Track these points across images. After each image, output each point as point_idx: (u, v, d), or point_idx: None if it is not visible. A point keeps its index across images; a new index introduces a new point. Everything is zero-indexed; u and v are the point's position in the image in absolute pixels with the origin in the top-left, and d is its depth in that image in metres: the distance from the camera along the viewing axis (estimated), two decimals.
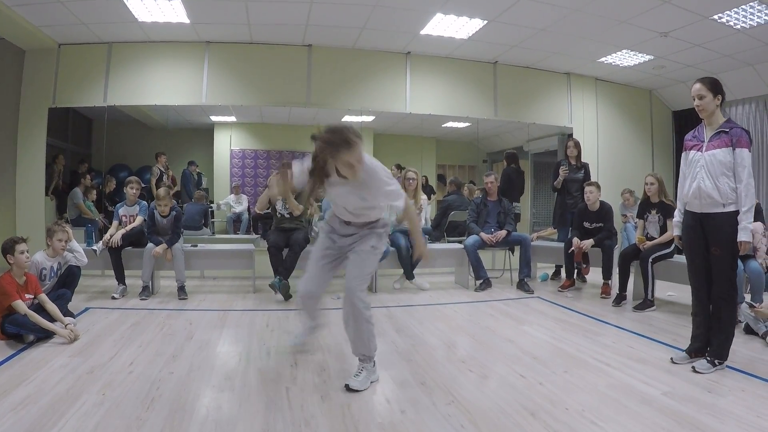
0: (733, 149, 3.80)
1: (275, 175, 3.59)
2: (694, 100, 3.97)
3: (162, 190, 6.65)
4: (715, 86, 3.92)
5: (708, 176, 3.85)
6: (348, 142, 3.19)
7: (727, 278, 3.85)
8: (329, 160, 3.25)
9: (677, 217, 4.21)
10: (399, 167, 9.18)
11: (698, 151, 3.99)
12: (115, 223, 6.60)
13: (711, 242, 3.87)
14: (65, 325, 4.47)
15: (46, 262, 5.02)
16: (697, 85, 3.95)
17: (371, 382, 3.51)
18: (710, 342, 3.91)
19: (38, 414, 2.87)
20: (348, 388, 3.36)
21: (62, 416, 2.84)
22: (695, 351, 4.00)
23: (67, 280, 5.12)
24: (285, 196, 6.28)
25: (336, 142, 3.18)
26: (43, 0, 6.66)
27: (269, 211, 6.86)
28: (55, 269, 5.11)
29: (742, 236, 3.73)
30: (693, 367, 3.80)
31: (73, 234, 5.44)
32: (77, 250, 5.37)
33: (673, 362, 4.00)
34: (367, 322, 3.50)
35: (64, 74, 8.22)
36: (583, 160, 7.92)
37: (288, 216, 6.67)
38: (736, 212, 3.77)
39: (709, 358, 3.84)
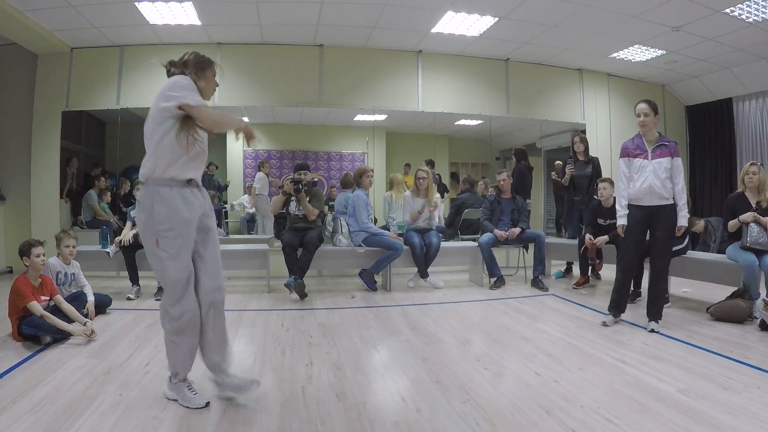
0: (672, 158, 4.86)
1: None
2: (639, 116, 4.91)
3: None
4: (655, 107, 4.90)
5: (656, 178, 4.81)
6: (208, 59, 3.25)
7: (667, 254, 5.12)
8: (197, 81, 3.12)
9: (622, 211, 5.06)
10: (429, 163, 9.13)
11: (644, 158, 4.89)
12: (128, 224, 6.63)
13: (657, 228, 4.92)
14: (83, 323, 4.50)
15: (61, 267, 5.07)
16: (643, 105, 4.89)
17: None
18: (652, 309, 5.00)
19: (56, 415, 2.89)
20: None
21: (80, 417, 2.87)
22: (618, 311, 5.19)
23: (74, 304, 4.84)
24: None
25: (204, 59, 3.22)
26: (56, 5, 6.72)
27: (283, 211, 6.87)
28: (70, 276, 5.14)
29: (683, 221, 4.91)
30: (652, 330, 4.80)
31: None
32: (85, 284, 5.35)
33: (605, 325, 5.11)
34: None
35: (77, 78, 8.30)
36: (592, 154, 7.88)
37: (301, 216, 6.67)
38: (675, 205, 4.90)
39: (656, 321, 4.91)
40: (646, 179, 4.82)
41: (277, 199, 6.74)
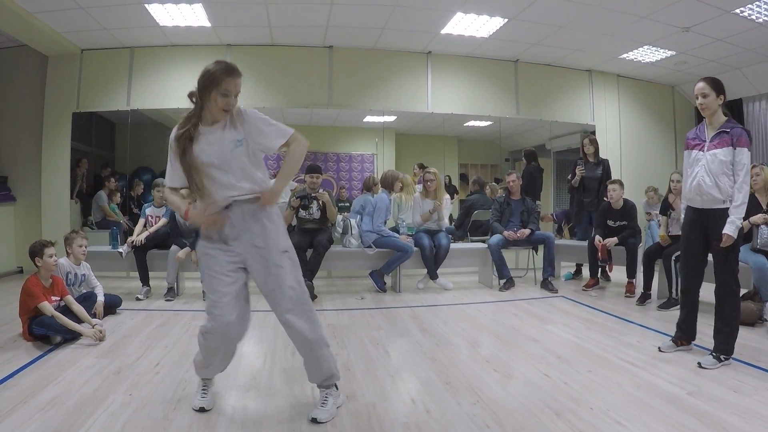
0: (734, 148, 3.88)
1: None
2: (698, 98, 4.05)
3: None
4: (718, 86, 4.01)
5: (708, 174, 3.93)
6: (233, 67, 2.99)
7: (729, 271, 3.93)
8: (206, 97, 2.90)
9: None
10: (421, 166, 9.15)
11: (700, 150, 4.06)
12: (141, 221, 6.69)
13: (712, 237, 3.97)
14: (92, 326, 4.52)
15: (71, 267, 5.08)
16: (701, 84, 4.04)
17: (337, 408, 3.06)
18: (715, 337, 3.97)
19: (66, 414, 2.91)
20: (315, 421, 2.89)
21: (90, 416, 2.88)
22: (680, 339, 4.26)
23: (84, 304, 4.86)
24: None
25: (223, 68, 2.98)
26: (66, 7, 6.74)
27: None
28: (80, 276, 5.16)
29: (728, 229, 3.82)
30: (699, 363, 3.86)
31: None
32: (96, 284, 5.37)
33: (661, 351, 4.23)
34: (325, 345, 3.04)
35: (88, 79, 8.33)
36: (602, 156, 7.85)
37: (311, 218, 6.66)
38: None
39: (714, 354, 3.90)
40: (696, 175, 4.01)
41: (287, 214, 6.76)
